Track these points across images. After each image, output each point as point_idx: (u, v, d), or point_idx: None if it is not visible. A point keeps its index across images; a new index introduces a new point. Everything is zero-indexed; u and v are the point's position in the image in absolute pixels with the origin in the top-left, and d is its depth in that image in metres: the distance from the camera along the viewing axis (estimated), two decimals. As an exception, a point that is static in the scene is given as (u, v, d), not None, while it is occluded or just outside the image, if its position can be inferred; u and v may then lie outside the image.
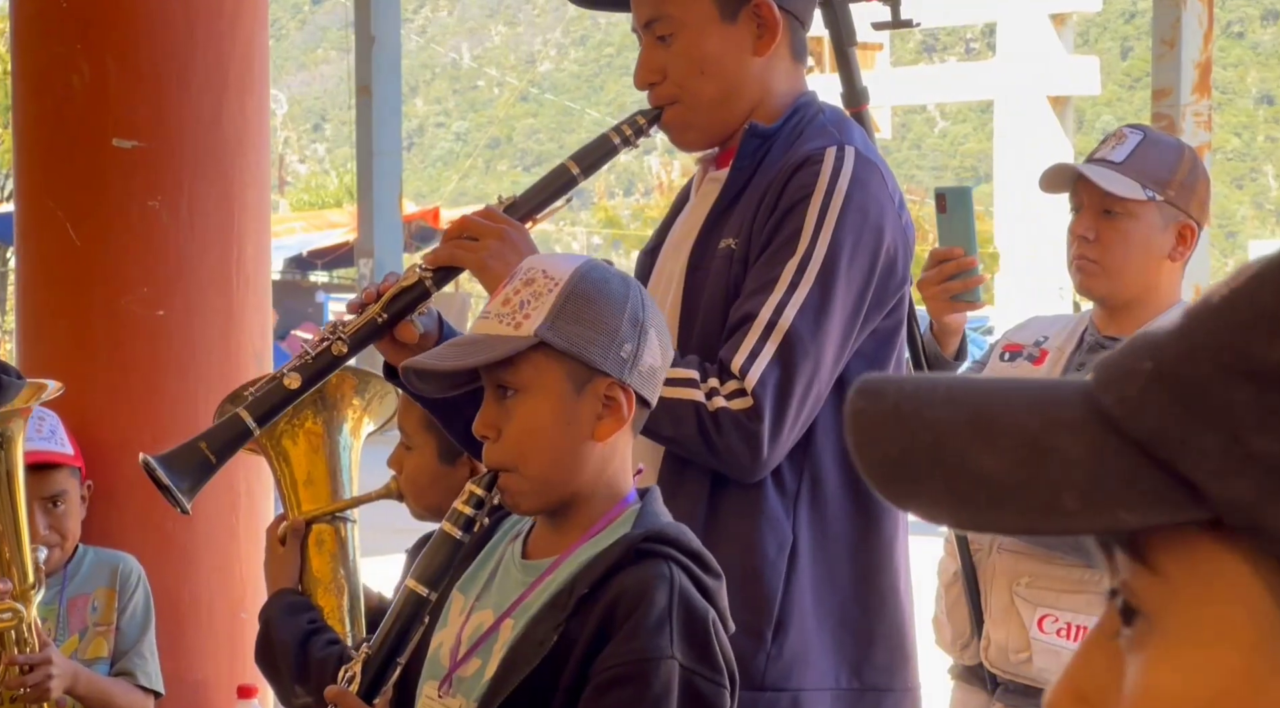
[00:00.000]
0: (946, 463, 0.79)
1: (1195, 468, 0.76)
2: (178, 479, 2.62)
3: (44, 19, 4.21)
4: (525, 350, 2.12)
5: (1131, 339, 0.83)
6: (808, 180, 2.62)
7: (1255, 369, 0.75)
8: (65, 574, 3.87)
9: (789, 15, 2.77)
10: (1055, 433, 0.79)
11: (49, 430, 3.85)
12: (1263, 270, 0.79)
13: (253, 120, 4.26)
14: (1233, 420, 0.75)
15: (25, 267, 4.31)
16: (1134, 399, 0.78)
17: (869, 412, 0.82)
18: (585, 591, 2.10)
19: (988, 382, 0.84)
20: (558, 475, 2.16)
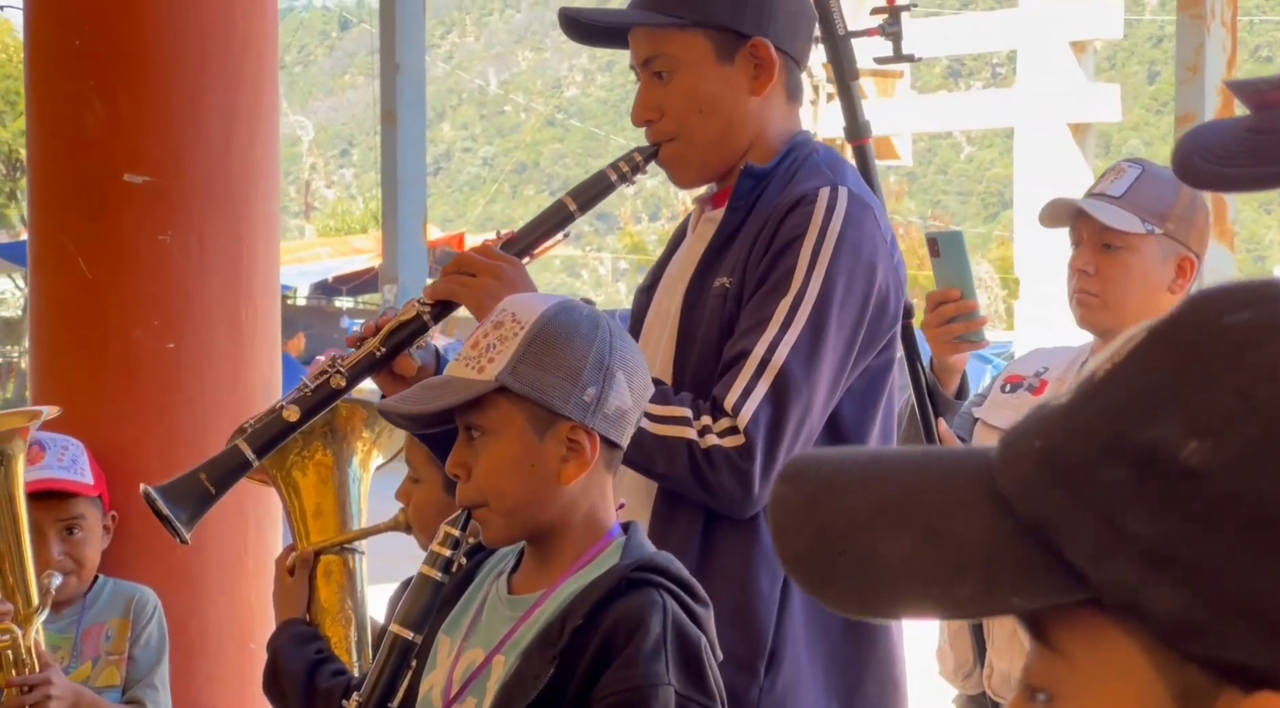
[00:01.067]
0: (854, 553, 0.80)
1: (1076, 551, 0.76)
2: (177, 510, 2.66)
3: (58, 56, 4.27)
4: (489, 394, 2.16)
5: (1032, 412, 0.83)
6: (801, 220, 2.65)
7: (1129, 450, 0.76)
8: (84, 603, 3.91)
9: (785, 56, 2.80)
10: (955, 516, 0.80)
11: (70, 459, 3.90)
12: (1139, 346, 0.80)
13: (262, 155, 4.30)
14: (1109, 501, 0.76)
15: (38, 299, 4.36)
16: (1023, 481, 0.79)
17: (787, 500, 0.84)
18: (580, 622, 2.13)
19: (906, 459, 0.85)
20: (527, 512, 2.20)
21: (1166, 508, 0.74)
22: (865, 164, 3.72)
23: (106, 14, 4.21)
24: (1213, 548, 0.73)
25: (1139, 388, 0.77)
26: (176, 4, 4.23)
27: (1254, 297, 0.79)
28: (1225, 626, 0.74)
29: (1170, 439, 0.75)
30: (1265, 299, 0.78)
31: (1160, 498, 0.75)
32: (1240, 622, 0.73)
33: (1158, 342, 0.79)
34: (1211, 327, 0.78)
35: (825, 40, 3.63)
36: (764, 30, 2.75)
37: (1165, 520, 0.74)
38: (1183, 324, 0.79)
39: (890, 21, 3.83)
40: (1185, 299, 0.82)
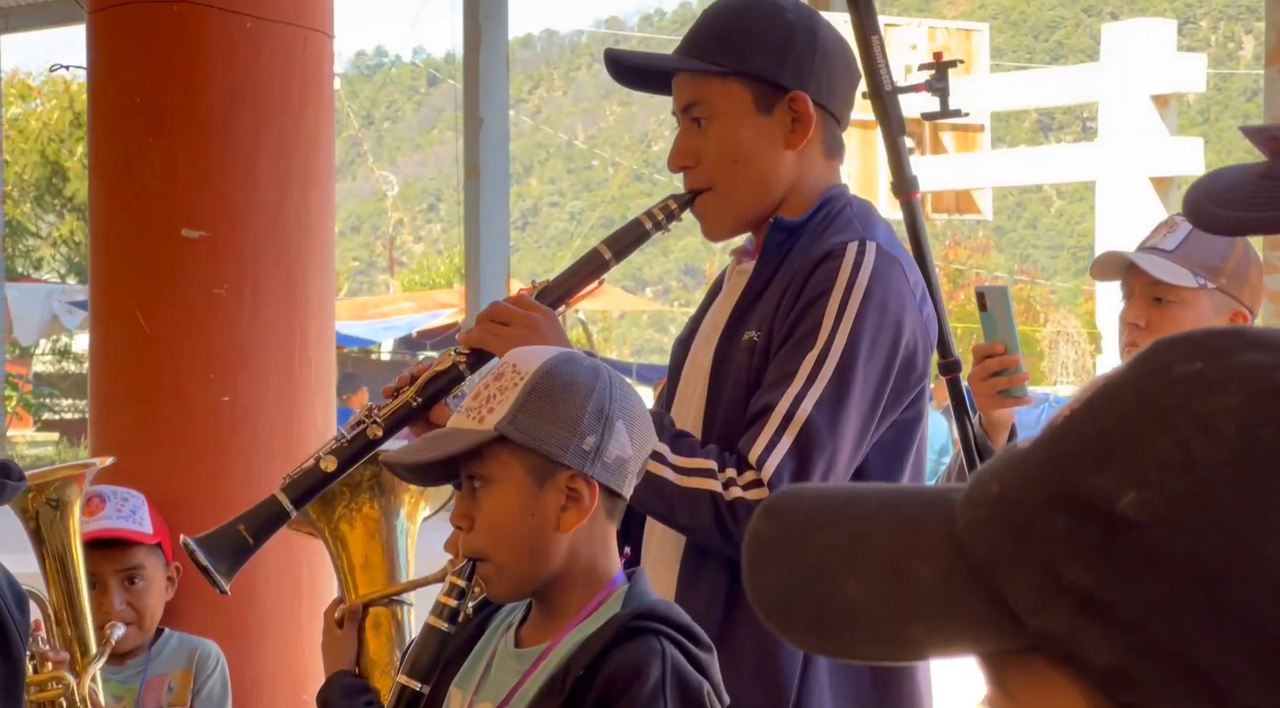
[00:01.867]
0: (821, 591, 0.81)
1: (1017, 599, 0.77)
2: (215, 561, 2.69)
3: (119, 114, 4.35)
4: (490, 444, 2.18)
5: (999, 454, 0.84)
6: (828, 275, 2.65)
7: (1071, 499, 0.76)
8: (149, 654, 3.95)
9: (824, 112, 2.80)
10: (915, 559, 0.80)
11: (130, 510, 3.95)
12: (1094, 395, 0.80)
13: (316, 210, 4.36)
14: (1050, 550, 0.76)
15: (98, 352, 4.43)
16: (978, 526, 0.80)
17: (764, 536, 0.85)
18: (580, 672, 2.13)
19: (881, 498, 0.86)
20: (527, 564, 2.21)
21: (1102, 558, 0.75)
22: (914, 219, 3.71)
23: (166, 73, 4.28)
24: (1144, 600, 0.74)
25: (1086, 438, 0.78)
26: (234, 63, 4.30)
27: (1208, 348, 0.79)
28: (1156, 677, 0.74)
29: (1108, 490, 0.75)
30: (1217, 350, 0.78)
31: (1097, 548, 0.75)
32: (1170, 674, 0.74)
33: (1111, 391, 0.79)
34: (1161, 378, 0.78)
35: (872, 96, 3.64)
36: (803, 85, 2.76)
37: (1101, 571, 0.75)
38: (1136, 374, 0.79)
39: (938, 77, 3.83)
40: (1147, 348, 0.81)
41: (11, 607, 2.13)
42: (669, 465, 2.56)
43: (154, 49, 4.28)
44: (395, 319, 27.21)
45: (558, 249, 79.54)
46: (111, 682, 3.83)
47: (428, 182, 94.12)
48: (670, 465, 2.56)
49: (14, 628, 2.11)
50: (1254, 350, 0.78)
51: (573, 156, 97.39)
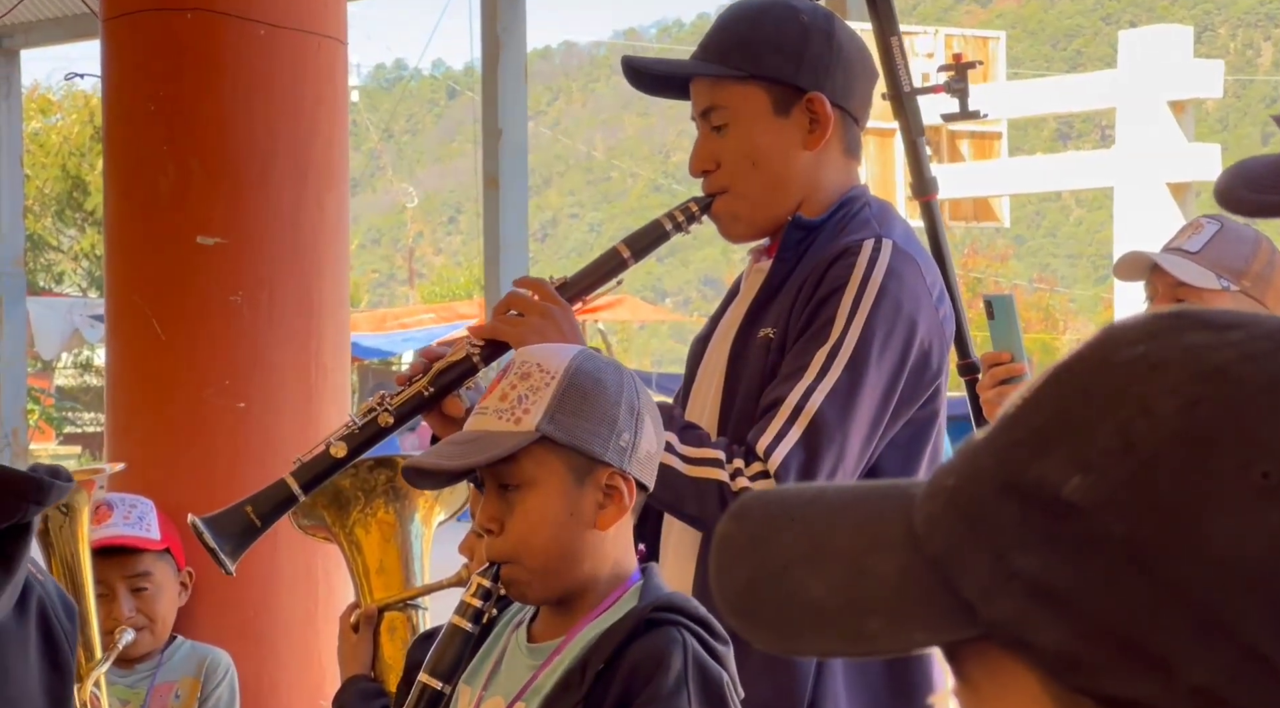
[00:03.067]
0: (784, 592, 0.82)
1: (968, 588, 0.77)
2: (222, 541, 2.69)
3: (134, 123, 4.37)
4: (528, 445, 2.16)
5: (959, 448, 0.85)
6: (843, 271, 2.65)
7: (1018, 486, 0.77)
8: (159, 661, 3.95)
9: (842, 112, 2.80)
10: (874, 554, 0.81)
11: (137, 517, 3.95)
12: (1043, 383, 0.80)
13: (331, 216, 4.37)
14: (1000, 538, 0.77)
15: (114, 360, 4.44)
16: (933, 518, 0.81)
17: (731, 538, 0.85)
18: (601, 665, 2.13)
19: (844, 496, 0.87)
20: (561, 566, 2.20)
21: (1048, 543, 0.75)
22: (932, 221, 3.70)
23: (181, 80, 4.30)
24: (1089, 583, 0.74)
25: (1033, 425, 0.78)
26: (248, 70, 4.31)
27: (1153, 330, 0.79)
28: (1103, 659, 0.74)
29: (1053, 476, 0.76)
30: (1161, 332, 0.79)
31: (1043, 534, 0.75)
32: (1117, 655, 0.74)
33: (1057, 378, 0.80)
34: (1104, 362, 0.78)
35: (891, 98, 3.64)
36: (820, 85, 2.76)
37: (1047, 556, 0.75)
38: (1081, 360, 0.80)
39: (956, 79, 3.82)
40: (1096, 334, 0.82)
41: (61, 617, 2.13)
42: (677, 455, 2.56)
43: (168, 57, 4.30)
44: (415, 330, 27.24)
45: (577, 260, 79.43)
46: (118, 686, 3.83)
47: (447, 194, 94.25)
48: (679, 455, 2.56)
49: (63, 638, 2.12)
50: (1196, 331, 0.78)
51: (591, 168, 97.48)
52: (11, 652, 2.05)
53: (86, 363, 31.66)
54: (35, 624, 2.08)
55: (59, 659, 2.11)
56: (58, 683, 2.11)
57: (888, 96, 3.62)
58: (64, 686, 2.13)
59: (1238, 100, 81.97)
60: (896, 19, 3.67)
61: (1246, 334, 0.78)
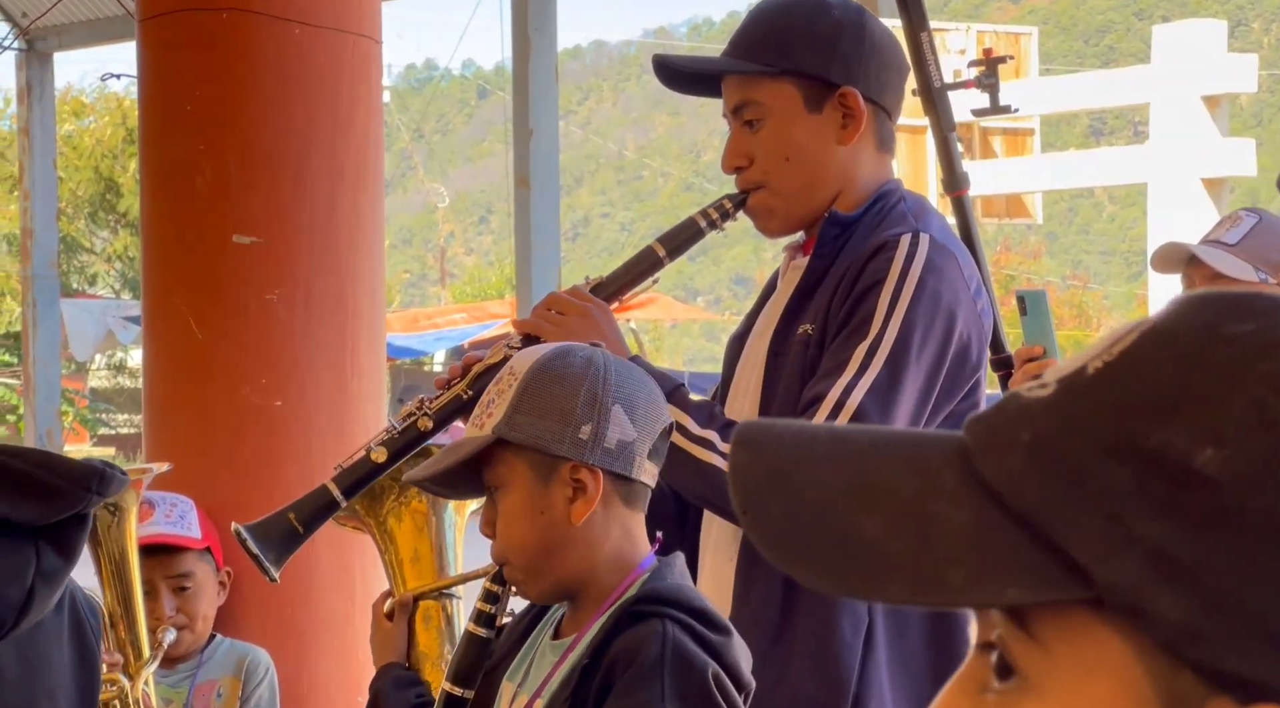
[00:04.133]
0: (833, 528, 0.79)
1: (1079, 549, 0.76)
2: (265, 548, 2.71)
3: (170, 122, 4.39)
4: (496, 449, 2.21)
5: (1004, 400, 0.82)
6: (881, 266, 2.65)
7: (1135, 451, 0.75)
8: (200, 660, 3.97)
9: (875, 106, 2.80)
10: (935, 499, 0.79)
11: (178, 516, 3.97)
12: (1135, 346, 0.79)
13: (367, 214, 4.38)
14: (1114, 502, 0.75)
15: (151, 358, 4.46)
16: (1014, 472, 0.78)
17: (754, 468, 0.82)
18: (587, 660, 2.15)
19: (867, 434, 0.84)
20: (543, 562, 2.23)
21: (1175, 513, 0.74)
22: (964, 216, 3.69)
23: (217, 80, 4.32)
24: (1221, 557, 0.73)
25: (1141, 390, 0.77)
26: (284, 69, 4.33)
27: (1255, 308, 0.78)
28: (1228, 634, 0.73)
29: (1181, 445, 0.74)
30: (1263, 312, 0.78)
31: (1169, 502, 0.74)
32: (1243, 632, 0.73)
33: (1157, 344, 0.78)
34: (1216, 334, 0.77)
35: (922, 93, 3.63)
36: (853, 80, 2.76)
37: (1173, 525, 0.74)
38: (1182, 328, 0.79)
39: (987, 73, 3.82)
40: (1176, 303, 0.81)
41: (87, 612, 2.16)
42: (719, 453, 2.57)
43: (204, 56, 4.32)
44: (447, 330, 27.27)
45: (609, 259, 79.60)
46: (161, 685, 3.85)
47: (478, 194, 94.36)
48: (721, 453, 2.57)
49: (91, 636, 2.15)
50: None
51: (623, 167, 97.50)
52: (51, 643, 2.07)
53: (120, 364, 31.78)
54: (68, 618, 2.11)
55: (87, 653, 2.14)
56: (85, 676, 2.14)
57: (918, 92, 3.61)
58: (92, 679, 2.15)
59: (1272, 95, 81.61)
60: (926, 14, 3.67)
61: None
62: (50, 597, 1.95)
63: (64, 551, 1.96)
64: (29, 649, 2.02)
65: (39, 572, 1.92)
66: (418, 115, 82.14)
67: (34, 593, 1.91)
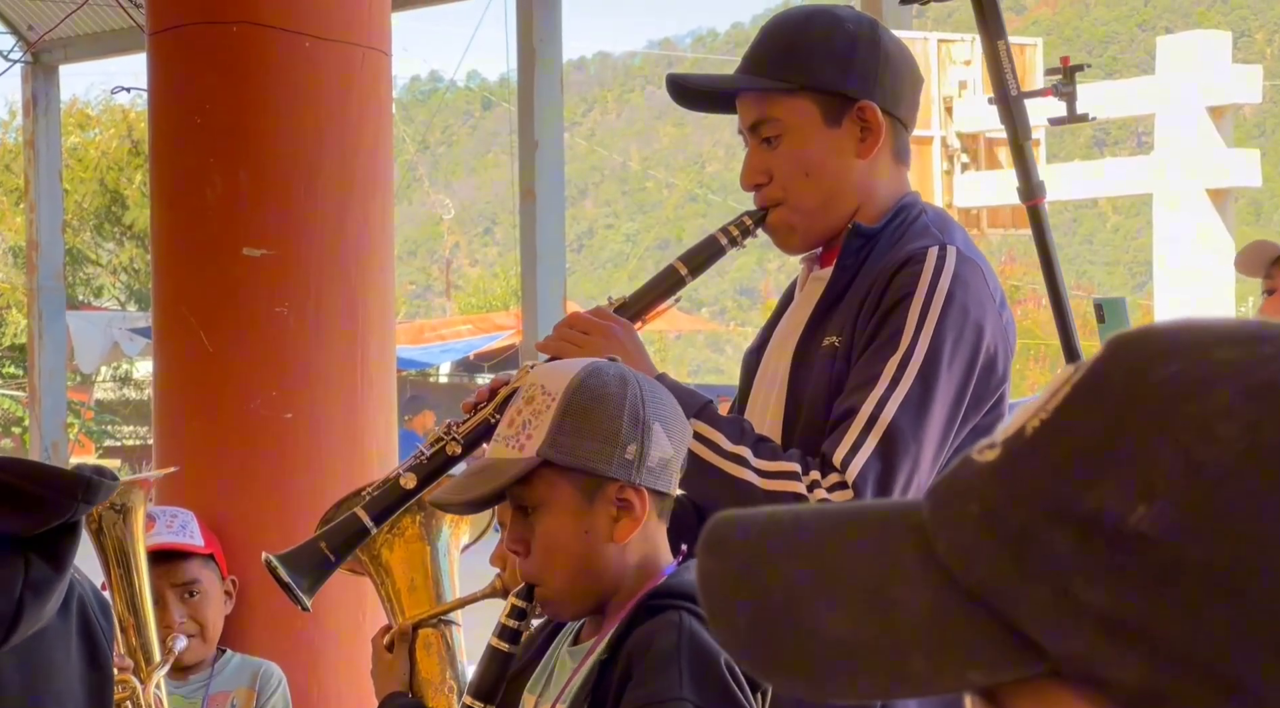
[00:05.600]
0: (799, 628, 0.78)
1: (1030, 623, 0.75)
2: (298, 577, 2.71)
3: (181, 135, 4.40)
4: (537, 469, 2.20)
5: (959, 465, 0.81)
6: (909, 280, 2.65)
7: (1073, 515, 0.74)
8: (213, 671, 3.98)
9: (892, 119, 2.80)
10: (896, 584, 0.78)
11: (180, 525, 3.99)
12: (1067, 400, 0.78)
13: (376, 227, 4.39)
14: (1059, 570, 0.74)
15: (161, 370, 4.47)
16: (965, 548, 0.77)
17: (717, 574, 0.81)
18: (605, 655, 2.16)
19: (831, 521, 0.83)
20: (585, 582, 2.23)
21: (1118, 575, 0.73)
22: (1040, 225, 3.66)
23: (227, 93, 4.33)
24: (1168, 613, 0.72)
25: (1074, 449, 0.76)
26: (294, 82, 4.34)
27: (1178, 346, 0.77)
28: (1189, 691, 0.72)
29: (1115, 506, 0.73)
30: (1188, 349, 0.77)
31: (1111, 565, 0.73)
32: (1202, 685, 0.72)
33: (1087, 397, 0.77)
34: (1140, 381, 0.76)
35: (998, 102, 3.61)
36: (870, 93, 2.76)
37: (1118, 588, 0.73)
38: (1110, 378, 0.78)
39: (1064, 82, 3.79)
40: (1106, 348, 0.79)
41: (99, 614, 2.16)
42: (753, 469, 2.57)
43: (214, 69, 4.33)
44: (453, 342, 27.28)
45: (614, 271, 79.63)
46: (175, 696, 3.86)
47: (483, 205, 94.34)
48: (754, 470, 2.57)
49: (101, 637, 2.14)
50: (1223, 347, 0.76)
51: (627, 178, 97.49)
52: (57, 649, 2.07)
53: (126, 376, 31.77)
54: (76, 622, 2.11)
55: (98, 656, 2.14)
56: (97, 680, 2.13)
57: (995, 100, 3.59)
58: (103, 682, 2.15)
59: (1275, 106, 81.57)
60: (1003, 23, 3.63)
61: (1275, 348, 0.76)
62: (41, 608, 1.94)
63: (54, 561, 1.95)
64: (31, 657, 2.02)
65: (27, 583, 1.91)
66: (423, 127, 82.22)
67: (23, 605, 1.91)
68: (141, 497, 3.68)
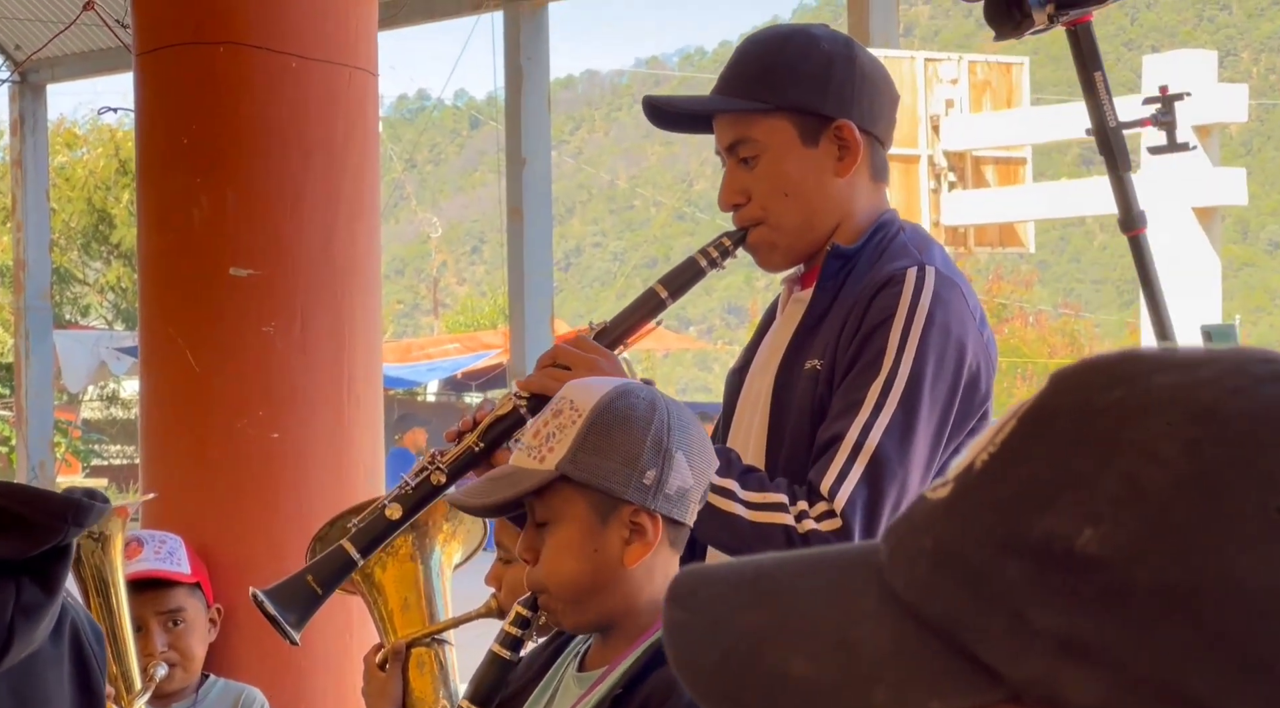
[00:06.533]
0: (764, 675, 0.79)
1: (988, 652, 0.76)
2: (286, 611, 2.70)
3: (167, 156, 4.40)
4: (553, 482, 2.19)
5: (913, 505, 0.82)
6: (890, 301, 2.64)
7: (1024, 544, 0.75)
8: (195, 698, 3.96)
9: (870, 137, 2.80)
10: (857, 624, 0.79)
11: (167, 552, 3.97)
12: (1014, 433, 0.79)
13: (363, 247, 4.39)
14: (1013, 599, 0.75)
15: (148, 390, 4.46)
16: (922, 583, 0.78)
17: (685, 625, 0.83)
18: (620, 691, 2.15)
19: (792, 568, 0.84)
20: (588, 598, 2.22)
21: (1071, 600, 0.74)
22: (1141, 255, 3.62)
23: (213, 113, 4.33)
24: (1122, 634, 0.73)
25: (1022, 479, 0.77)
26: (280, 102, 4.34)
27: (1119, 374, 0.78)
28: None
29: (1063, 531, 0.74)
30: (1131, 375, 0.78)
31: (1063, 590, 0.74)
32: (1161, 705, 0.73)
33: (1033, 428, 0.79)
34: (1085, 409, 0.77)
35: (1096, 133, 3.57)
36: (847, 112, 2.76)
37: (1072, 612, 0.74)
38: (1054, 409, 0.79)
39: (1163, 111, 3.76)
40: (1047, 382, 0.81)
41: (91, 640, 2.15)
42: (740, 502, 2.55)
43: (201, 90, 4.33)
44: (440, 361, 27.30)
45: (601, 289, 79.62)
46: (155, 724, 3.84)
47: (471, 224, 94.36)
48: (741, 501, 2.56)
49: (94, 662, 2.14)
50: (1162, 373, 0.78)
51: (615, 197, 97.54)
52: (49, 674, 2.07)
53: (113, 396, 31.75)
54: (69, 647, 2.10)
55: (90, 683, 2.13)
56: (89, 704, 2.13)
57: (1092, 131, 3.56)
58: (95, 707, 2.14)
59: (1262, 124, 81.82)
60: (1099, 54, 3.61)
61: (1215, 371, 0.77)
62: (33, 632, 1.94)
63: (45, 585, 1.95)
64: (22, 682, 2.02)
65: (19, 607, 1.91)
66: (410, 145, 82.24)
67: (14, 629, 1.90)
68: (120, 524, 3.67)
